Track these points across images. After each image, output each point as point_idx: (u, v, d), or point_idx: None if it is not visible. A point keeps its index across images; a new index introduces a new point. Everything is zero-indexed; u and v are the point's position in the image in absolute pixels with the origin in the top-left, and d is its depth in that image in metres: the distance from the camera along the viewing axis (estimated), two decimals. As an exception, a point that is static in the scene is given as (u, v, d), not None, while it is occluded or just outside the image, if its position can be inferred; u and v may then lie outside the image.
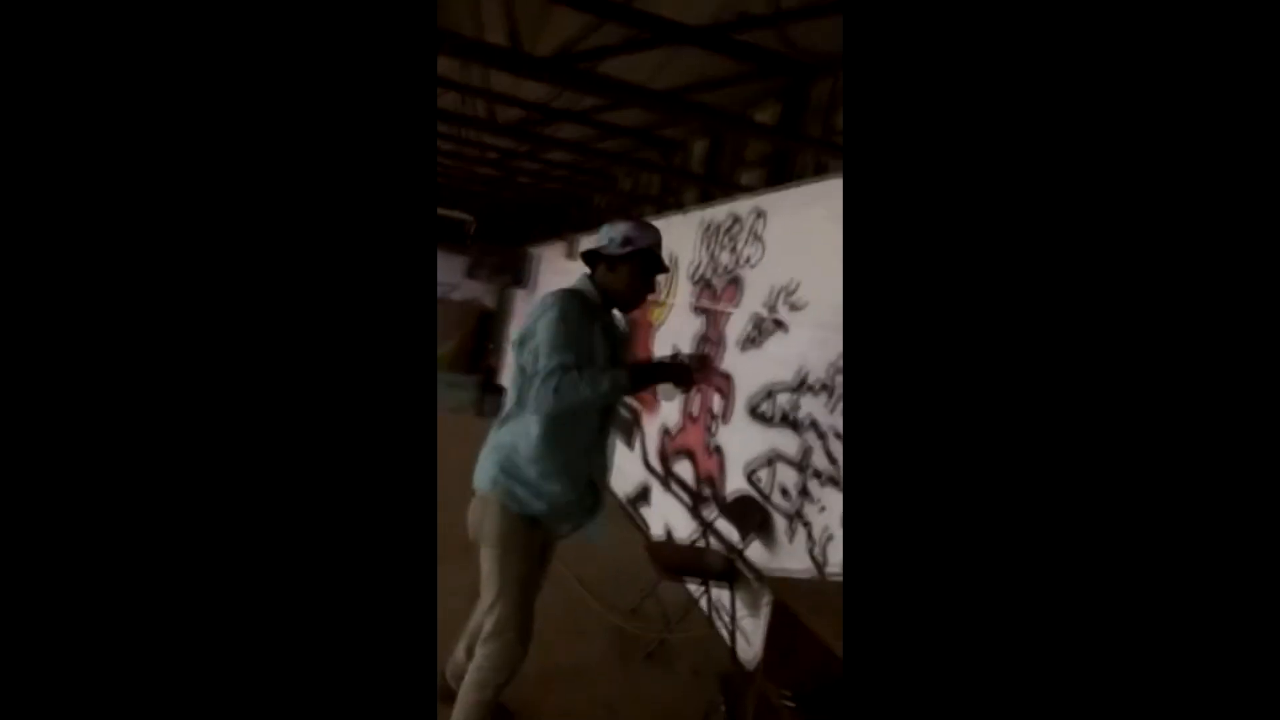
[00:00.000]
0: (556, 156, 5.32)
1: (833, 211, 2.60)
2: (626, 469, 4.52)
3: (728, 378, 3.29)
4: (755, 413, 2.99)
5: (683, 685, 2.42)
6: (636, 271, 1.70)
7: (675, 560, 2.69)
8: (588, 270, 1.75)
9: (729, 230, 3.59)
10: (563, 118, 4.14)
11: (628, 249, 1.67)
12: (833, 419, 2.42)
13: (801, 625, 1.61)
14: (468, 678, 1.62)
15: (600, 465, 1.74)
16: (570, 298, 1.62)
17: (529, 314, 1.63)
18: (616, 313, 1.77)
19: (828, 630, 1.52)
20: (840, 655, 1.42)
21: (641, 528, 3.99)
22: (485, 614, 1.61)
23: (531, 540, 1.63)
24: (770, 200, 3.22)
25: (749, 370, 3.10)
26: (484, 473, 1.64)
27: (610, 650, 2.57)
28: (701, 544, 3.04)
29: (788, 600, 1.70)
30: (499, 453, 1.63)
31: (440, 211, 8.36)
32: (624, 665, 2.49)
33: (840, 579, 2.05)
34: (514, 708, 1.98)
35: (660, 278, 1.81)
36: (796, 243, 2.92)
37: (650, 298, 1.78)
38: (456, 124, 4.52)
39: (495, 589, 1.59)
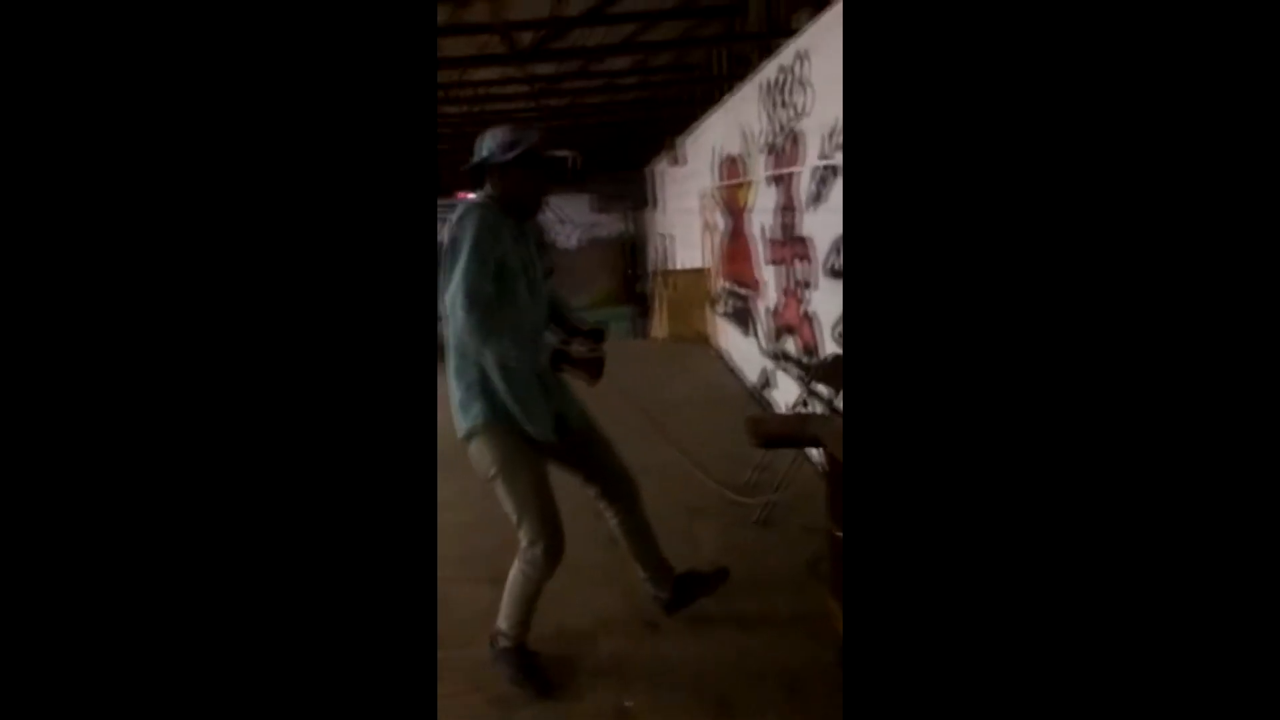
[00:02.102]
0: (618, 64, 5.23)
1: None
2: (751, 357, 4.54)
3: (804, 241, 3.15)
4: (832, 270, 2.85)
5: (789, 541, 2.51)
6: (527, 175, 1.67)
7: (771, 432, 2.73)
8: (483, 186, 1.71)
9: (781, 84, 3.34)
10: (592, 21, 4.05)
11: (513, 153, 1.64)
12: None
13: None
14: (513, 583, 1.78)
15: (551, 384, 1.77)
16: (478, 212, 1.61)
17: (445, 237, 1.62)
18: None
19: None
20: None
21: (766, 410, 4.03)
22: (517, 529, 1.74)
23: (528, 457, 1.71)
24: (809, 39, 2.94)
25: (821, 227, 2.94)
26: (461, 419, 1.70)
27: (720, 520, 2.72)
28: (805, 411, 3.03)
29: (822, 437, 1.71)
30: (469, 394, 1.70)
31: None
32: (734, 530, 2.64)
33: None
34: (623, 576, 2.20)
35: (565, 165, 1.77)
36: (836, 76, 2.66)
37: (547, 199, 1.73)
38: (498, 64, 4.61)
39: (516, 513, 1.70)
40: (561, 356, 1.66)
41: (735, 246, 4.74)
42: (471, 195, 1.77)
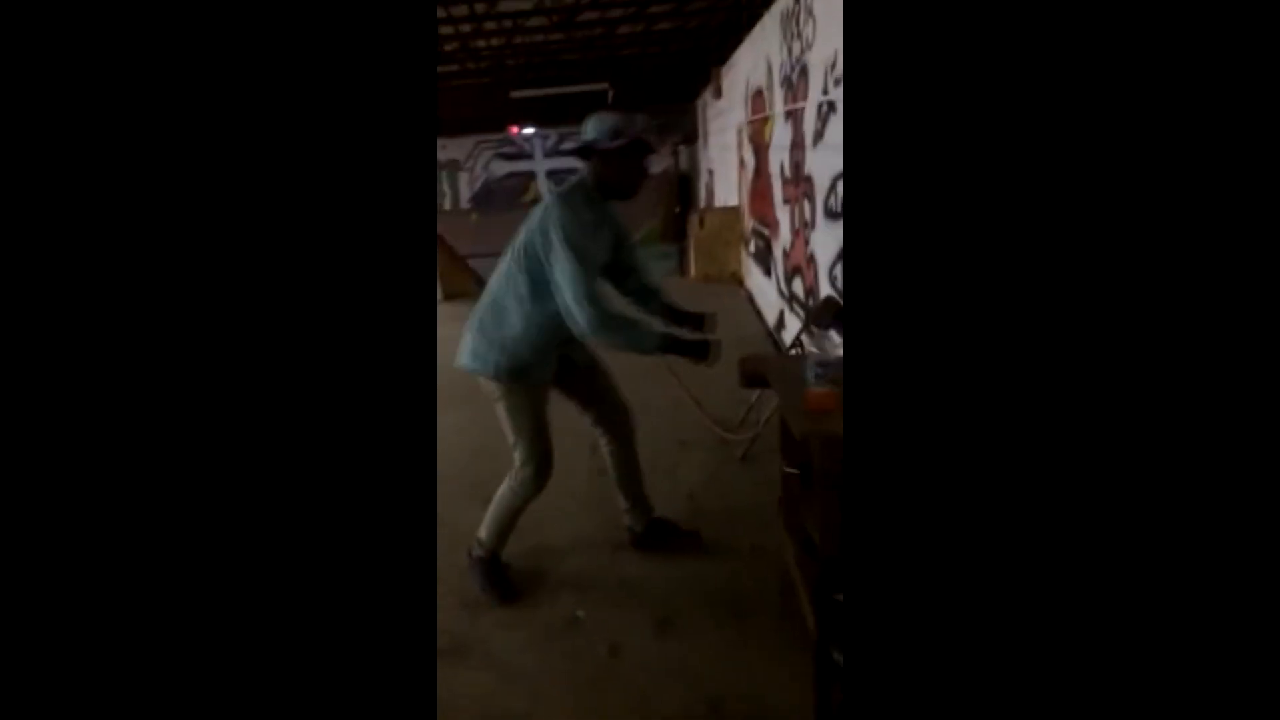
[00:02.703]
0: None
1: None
2: (771, 298, 4.51)
3: (810, 180, 3.09)
4: (829, 211, 2.81)
5: (767, 477, 2.59)
6: (630, 161, 1.76)
7: (752, 371, 2.77)
8: (583, 165, 1.83)
9: (795, 15, 3.21)
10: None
11: (619, 141, 1.73)
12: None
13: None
14: (500, 498, 1.96)
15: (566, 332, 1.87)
16: (573, 201, 1.74)
17: (534, 219, 1.77)
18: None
19: (786, 401, 1.57)
20: (784, 417, 1.48)
21: (780, 351, 4.04)
22: (512, 450, 1.92)
23: (529, 395, 1.87)
24: (816, -36, 2.80)
25: (821, 166, 2.88)
26: (478, 359, 1.85)
27: (707, 454, 2.82)
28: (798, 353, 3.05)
29: (769, 377, 1.76)
30: (489, 346, 1.84)
31: (582, 88, 8.48)
32: (718, 465, 2.74)
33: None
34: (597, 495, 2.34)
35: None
36: (836, 5, 2.55)
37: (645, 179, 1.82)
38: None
39: (512, 436, 1.90)
40: (675, 345, 1.85)
41: (760, 184, 4.65)
42: (521, 130, 1.93)
